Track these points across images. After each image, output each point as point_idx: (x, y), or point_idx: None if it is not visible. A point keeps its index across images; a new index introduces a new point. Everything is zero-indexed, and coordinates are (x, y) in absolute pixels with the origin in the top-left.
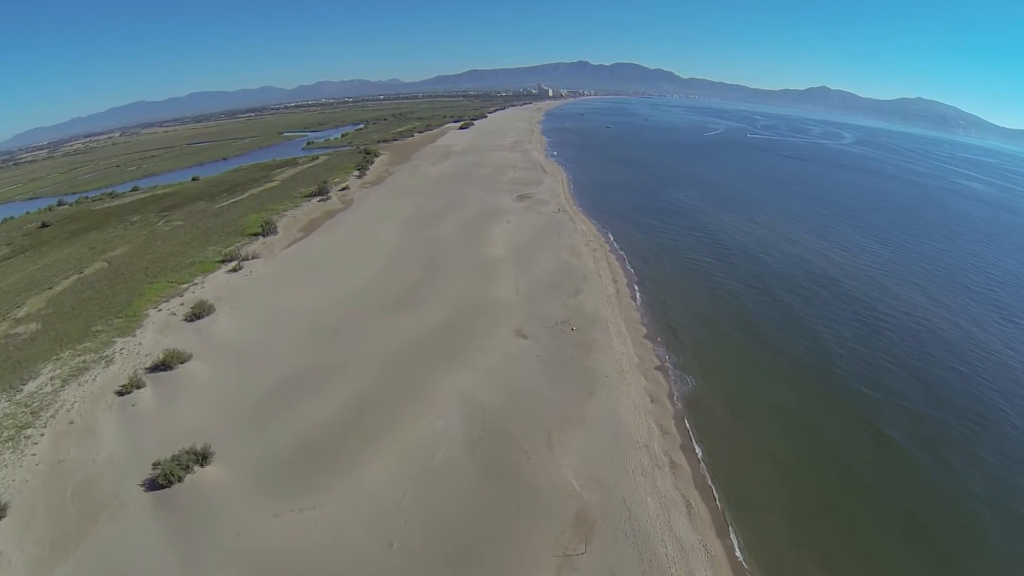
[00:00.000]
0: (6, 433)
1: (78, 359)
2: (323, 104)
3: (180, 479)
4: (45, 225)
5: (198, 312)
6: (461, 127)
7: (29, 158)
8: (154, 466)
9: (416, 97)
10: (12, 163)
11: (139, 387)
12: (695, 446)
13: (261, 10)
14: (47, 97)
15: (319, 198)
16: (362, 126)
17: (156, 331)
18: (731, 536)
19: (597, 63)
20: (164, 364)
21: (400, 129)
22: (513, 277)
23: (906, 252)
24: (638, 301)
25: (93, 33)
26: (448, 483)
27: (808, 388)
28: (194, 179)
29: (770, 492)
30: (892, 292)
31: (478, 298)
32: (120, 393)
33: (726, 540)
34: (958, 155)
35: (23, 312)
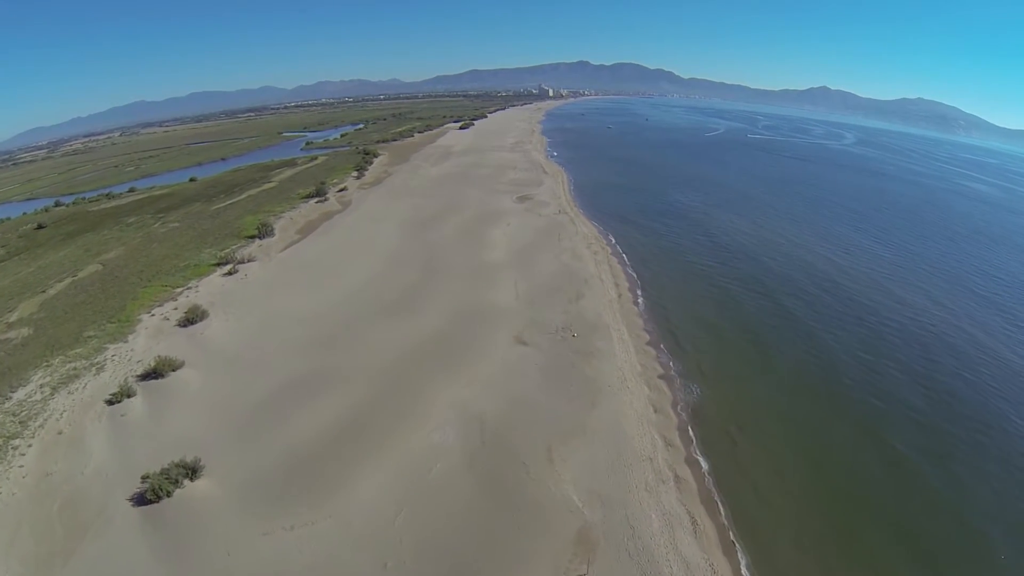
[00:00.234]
0: None
1: (69, 366)
2: (323, 104)
3: (169, 494)
4: (41, 226)
5: (191, 317)
6: (461, 127)
7: (28, 158)
8: (143, 479)
9: (416, 97)
10: (11, 163)
11: (129, 396)
12: (700, 459)
13: (261, 10)
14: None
15: (317, 199)
16: (362, 126)
17: (149, 337)
18: (738, 555)
19: (597, 63)
20: (155, 372)
21: (400, 129)
22: (513, 281)
23: (909, 254)
24: (640, 306)
25: (93, 33)
26: (445, 499)
27: (813, 396)
28: (192, 180)
29: (776, 507)
30: (896, 296)
31: (477, 303)
32: (110, 402)
33: (733, 559)
34: (959, 156)
35: (15, 316)
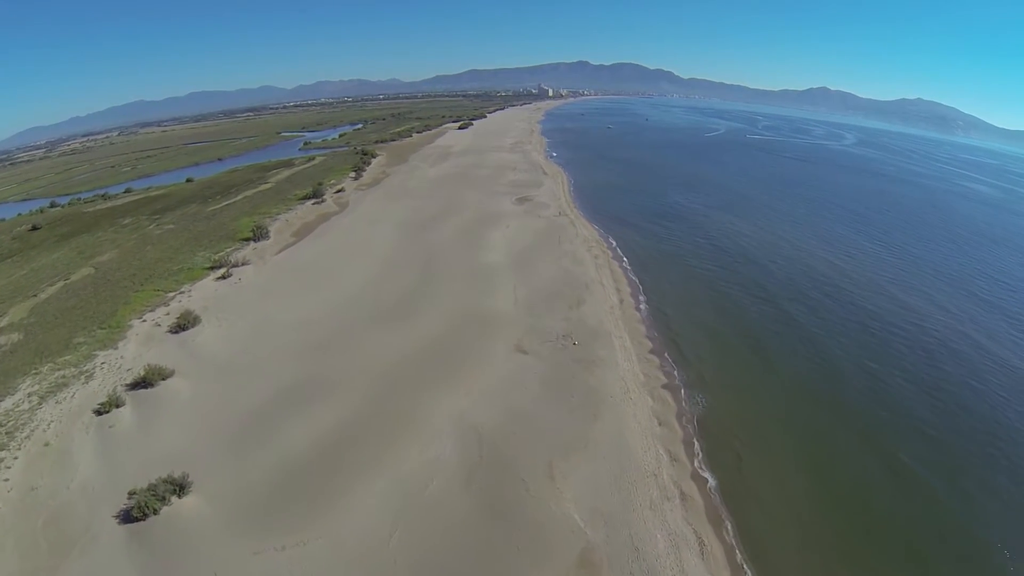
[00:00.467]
0: None
1: (57, 374)
2: (322, 104)
3: (156, 511)
4: (35, 228)
5: (183, 323)
6: (460, 127)
7: (26, 158)
8: (130, 495)
9: (415, 97)
10: (9, 163)
11: (118, 406)
12: (705, 474)
13: (261, 10)
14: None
15: (314, 201)
16: (361, 126)
17: (139, 343)
18: None
19: (597, 63)
20: (145, 381)
21: (398, 129)
22: (512, 286)
23: (912, 257)
24: (642, 312)
25: (93, 33)
26: (441, 518)
27: (818, 406)
28: (188, 180)
29: (783, 526)
30: (900, 301)
31: (475, 309)
32: (98, 412)
33: None
34: (960, 156)
35: (5, 321)
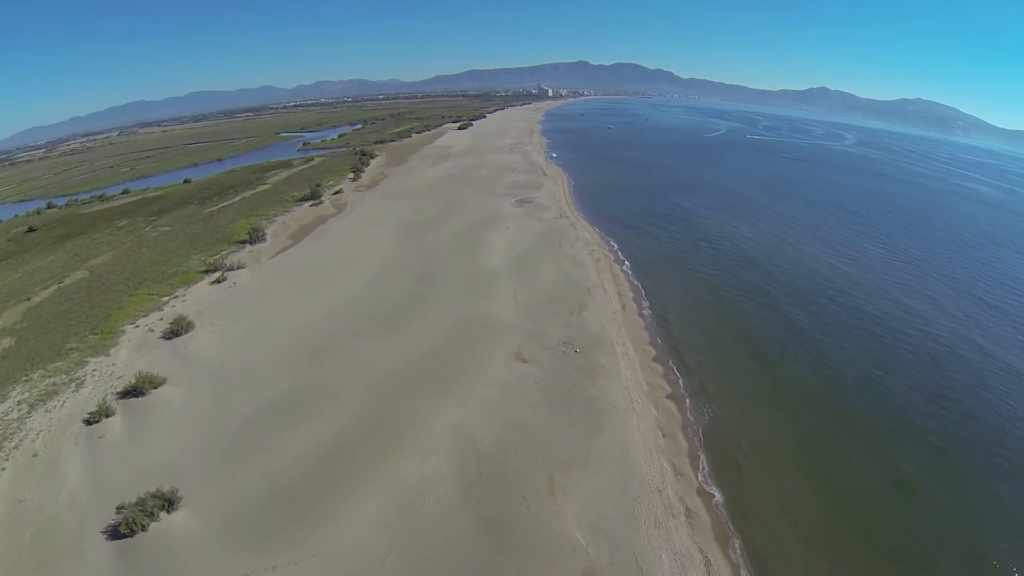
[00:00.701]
0: None
1: (48, 381)
2: (322, 104)
3: (144, 528)
4: (32, 229)
5: (176, 329)
6: (460, 127)
7: (25, 158)
8: (118, 510)
9: (415, 97)
10: (8, 163)
11: (108, 415)
12: (712, 489)
13: (261, 10)
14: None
15: (311, 202)
16: (360, 126)
17: (132, 350)
18: None
19: (597, 63)
20: (136, 389)
21: (398, 129)
22: (512, 291)
23: (915, 260)
24: (645, 318)
25: (93, 33)
26: (439, 536)
27: (824, 417)
28: (186, 181)
29: (789, 543)
30: (904, 305)
31: (474, 315)
32: (88, 422)
33: None
34: (960, 157)
35: None
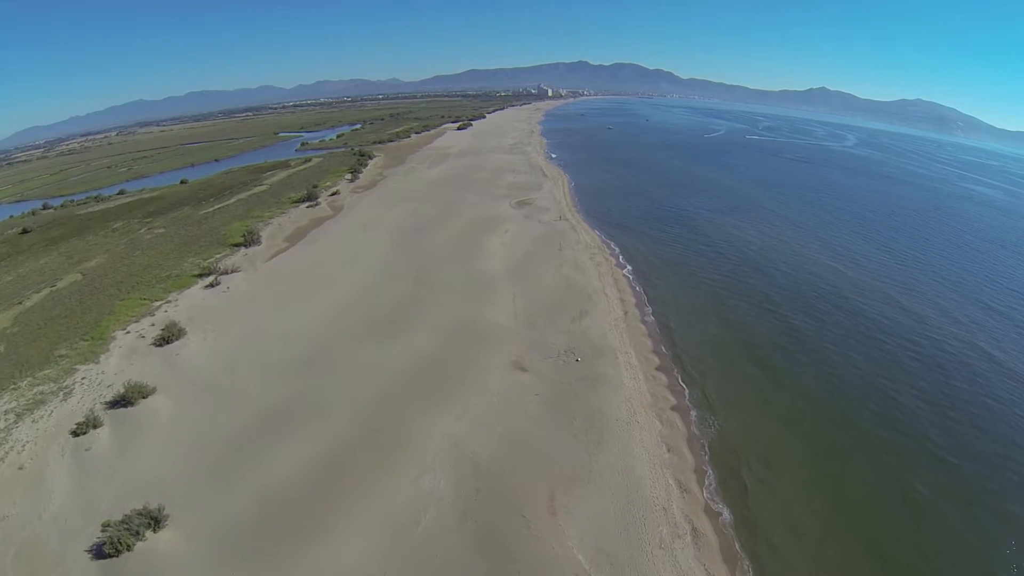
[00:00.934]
0: None
1: (36, 389)
2: (321, 104)
3: (129, 547)
4: (26, 231)
5: (168, 336)
6: (459, 128)
7: (24, 158)
8: (103, 528)
9: (415, 97)
10: (6, 163)
11: (96, 427)
12: (719, 507)
13: (261, 10)
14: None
15: (308, 204)
16: (359, 126)
17: (122, 357)
18: None
19: (597, 63)
20: (125, 399)
21: (397, 130)
22: (511, 296)
23: (920, 265)
24: (648, 325)
25: (93, 32)
26: (435, 559)
27: (830, 429)
28: (183, 182)
29: (800, 565)
30: (909, 311)
31: (473, 322)
32: (75, 433)
33: None
34: (961, 158)
35: None
